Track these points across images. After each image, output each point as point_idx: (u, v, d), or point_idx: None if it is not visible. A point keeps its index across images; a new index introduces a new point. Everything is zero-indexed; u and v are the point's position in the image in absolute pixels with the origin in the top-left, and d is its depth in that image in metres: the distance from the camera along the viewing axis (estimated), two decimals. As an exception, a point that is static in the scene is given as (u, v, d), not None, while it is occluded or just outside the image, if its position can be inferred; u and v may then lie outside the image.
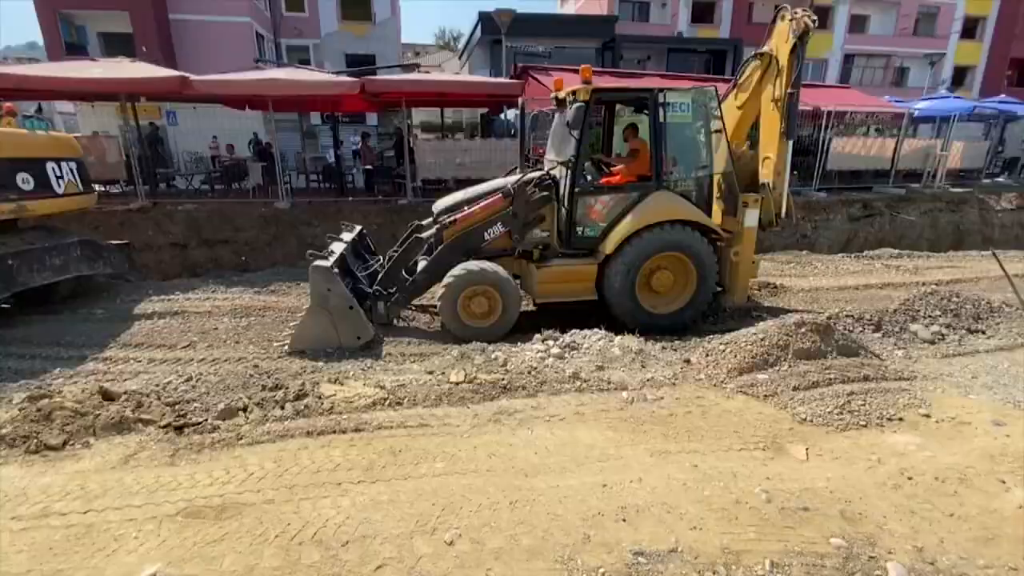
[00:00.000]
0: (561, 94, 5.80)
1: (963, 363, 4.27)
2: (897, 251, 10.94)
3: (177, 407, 3.42)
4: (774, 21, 5.82)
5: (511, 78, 12.87)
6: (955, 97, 18.77)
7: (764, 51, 5.89)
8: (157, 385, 3.87)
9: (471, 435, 3.22)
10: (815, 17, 5.54)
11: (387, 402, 3.52)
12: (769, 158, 5.86)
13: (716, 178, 5.79)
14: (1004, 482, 2.74)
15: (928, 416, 3.43)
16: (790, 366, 4.01)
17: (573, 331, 4.64)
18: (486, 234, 5.36)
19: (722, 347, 4.38)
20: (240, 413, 3.32)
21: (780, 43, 5.68)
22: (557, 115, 6.04)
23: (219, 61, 15.49)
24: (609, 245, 5.33)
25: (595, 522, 2.48)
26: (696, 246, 5.49)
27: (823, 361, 4.05)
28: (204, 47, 18.48)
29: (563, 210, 5.43)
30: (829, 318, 4.74)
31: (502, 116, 14.13)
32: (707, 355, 4.40)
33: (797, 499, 2.65)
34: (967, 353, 4.48)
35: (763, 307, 6.53)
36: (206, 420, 3.26)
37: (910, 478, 2.83)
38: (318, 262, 4.74)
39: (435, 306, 5.31)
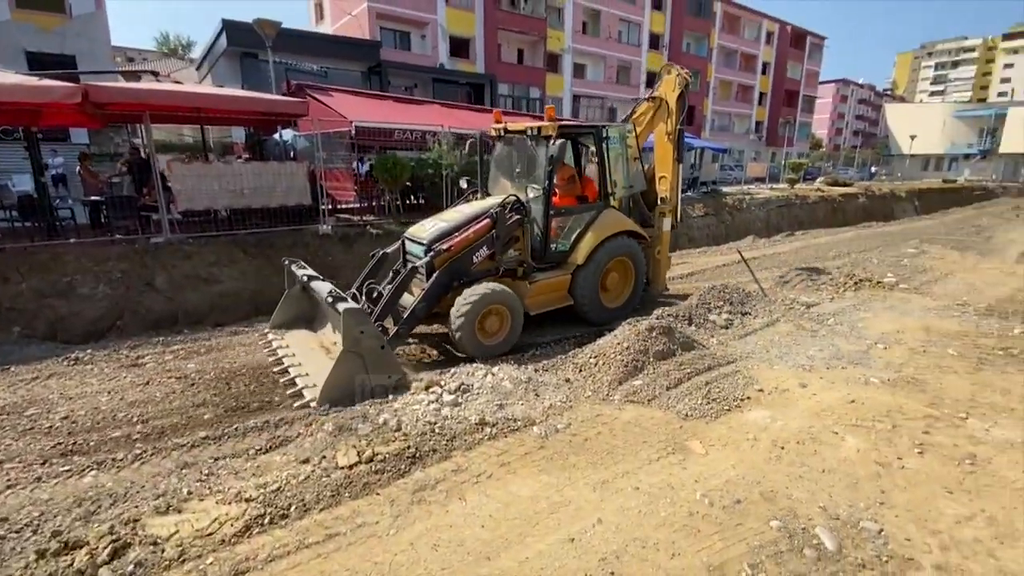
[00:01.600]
0: (512, 127, 6.37)
1: (754, 341, 5.42)
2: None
3: None
4: (660, 74, 7.04)
5: (284, 95, 11.52)
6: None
7: (655, 95, 7.02)
8: None
9: (398, 530, 2.60)
10: (691, 73, 6.87)
11: (266, 519, 2.59)
12: (665, 177, 7.06)
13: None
14: (837, 433, 3.51)
15: (762, 391, 4.20)
16: (654, 368, 4.45)
17: (454, 370, 4.27)
18: (475, 257, 5.52)
19: (593, 361, 4.62)
20: (7, 616, 2.00)
21: (668, 91, 6.88)
22: (500, 145, 6.61)
23: None
24: (580, 256, 6.03)
25: (588, 587, 2.25)
26: (636, 251, 6.59)
27: (675, 359, 4.63)
28: None
29: (536, 229, 5.93)
30: (658, 319, 5.46)
31: (277, 136, 12.49)
32: (581, 370, 4.58)
33: (728, 494, 2.89)
34: (750, 332, 5.72)
35: (668, 295, 7.67)
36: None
37: (782, 448, 3.39)
38: (347, 304, 4.34)
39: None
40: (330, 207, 10.36)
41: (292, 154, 12.71)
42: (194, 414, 4.15)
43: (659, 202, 7.11)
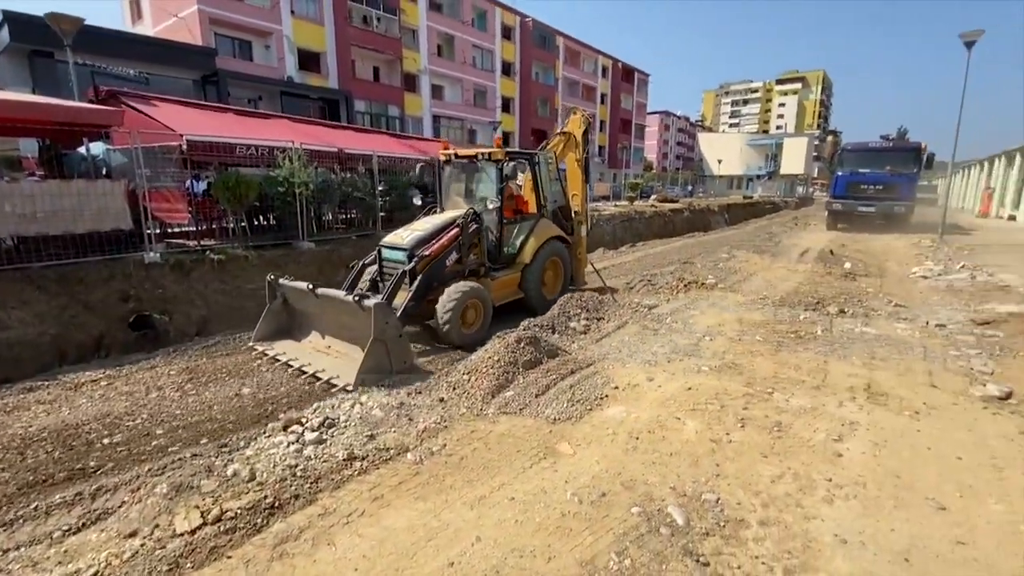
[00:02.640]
0: (463, 152, 7.76)
1: (608, 343, 5.93)
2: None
3: None
4: (568, 115, 8.95)
5: (91, 103, 9.81)
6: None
7: (566, 131, 8.82)
8: None
9: (257, 591, 2.31)
10: (591, 116, 8.99)
11: (78, 615, 2.12)
12: (576, 195, 8.80)
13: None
14: (679, 418, 3.98)
15: (617, 388, 4.60)
16: (524, 378, 4.63)
17: (316, 405, 3.95)
18: (447, 261, 6.47)
19: (466, 377, 4.65)
20: None
21: (575, 128, 8.71)
22: (449, 168, 7.96)
23: None
24: (527, 256, 7.48)
25: (470, 608, 2.23)
26: (564, 252, 8.23)
27: (542, 367, 4.86)
28: None
29: (491, 236, 7.25)
30: (525, 330, 5.71)
31: (83, 150, 10.53)
32: (455, 388, 4.58)
33: (595, 489, 3.10)
34: (605, 335, 6.25)
35: (585, 288, 8.89)
36: None
37: (637, 438, 3.74)
38: (372, 300, 5.05)
39: None
40: (158, 231, 9.02)
41: (105, 171, 10.84)
42: (-33, 499, 3.26)
43: (574, 214, 8.80)
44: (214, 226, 10.34)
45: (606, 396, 4.43)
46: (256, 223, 10.83)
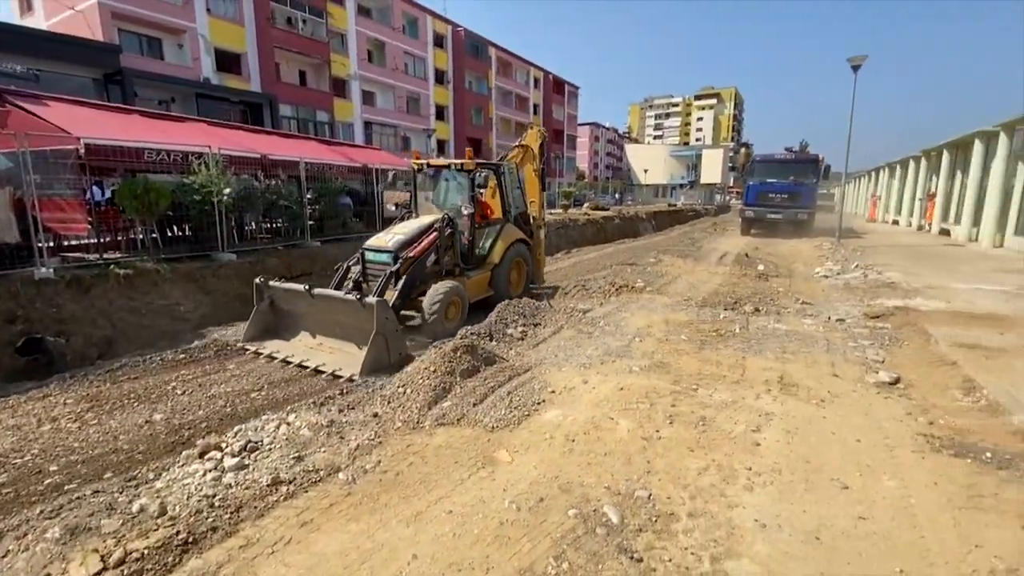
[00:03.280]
0: (434, 162, 8.71)
1: (545, 348, 6.02)
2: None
3: None
4: (526, 129, 9.67)
5: (-34, 102, 8.71)
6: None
7: (523, 143, 9.55)
8: None
9: (169, 636, 2.11)
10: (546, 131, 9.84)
11: None
12: (534, 201, 9.55)
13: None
14: (612, 418, 4.09)
15: (554, 392, 4.67)
16: (461, 387, 4.59)
17: (238, 428, 3.69)
18: (427, 262, 7.01)
19: (401, 389, 4.54)
20: None
21: (532, 141, 9.53)
22: (421, 176, 8.68)
23: None
24: (496, 257, 8.22)
25: (406, 629, 2.16)
26: (527, 253, 9.02)
27: (480, 375, 4.84)
28: None
29: (463, 239, 7.80)
30: (462, 338, 5.67)
31: (-44, 155, 9.28)
32: (390, 402, 4.45)
33: (533, 495, 3.12)
34: (541, 341, 6.33)
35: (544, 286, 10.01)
36: None
37: (573, 441, 3.81)
38: (372, 298, 5.55)
39: None
40: (51, 244, 8.14)
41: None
42: None
43: (532, 219, 9.46)
44: (120, 238, 9.47)
45: (543, 401, 4.48)
46: (169, 234, 10.03)
